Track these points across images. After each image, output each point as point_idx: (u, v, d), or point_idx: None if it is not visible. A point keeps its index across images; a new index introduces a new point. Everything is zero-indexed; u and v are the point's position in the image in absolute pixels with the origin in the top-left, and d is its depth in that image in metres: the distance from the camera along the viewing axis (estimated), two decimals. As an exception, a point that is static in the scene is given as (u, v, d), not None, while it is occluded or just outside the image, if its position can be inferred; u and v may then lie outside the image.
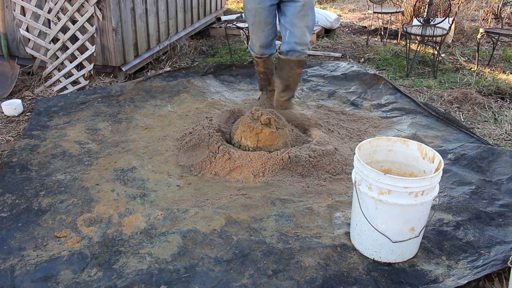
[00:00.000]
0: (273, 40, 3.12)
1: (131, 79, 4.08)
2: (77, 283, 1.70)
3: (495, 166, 2.47)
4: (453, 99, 3.67)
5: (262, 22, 2.95)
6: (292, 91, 3.12)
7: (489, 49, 5.30)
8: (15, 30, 3.92)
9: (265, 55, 3.15)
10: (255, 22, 2.96)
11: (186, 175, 2.50)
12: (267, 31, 3.01)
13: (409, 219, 1.73)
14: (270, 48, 3.14)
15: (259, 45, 3.07)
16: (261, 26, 2.97)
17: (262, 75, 3.33)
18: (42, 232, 1.99)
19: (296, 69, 2.99)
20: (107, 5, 3.65)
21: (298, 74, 3.05)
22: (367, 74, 3.97)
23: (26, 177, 2.43)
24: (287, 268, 1.77)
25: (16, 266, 1.78)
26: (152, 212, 2.12)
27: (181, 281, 1.71)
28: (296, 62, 2.96)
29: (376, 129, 3.10)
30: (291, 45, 2.91)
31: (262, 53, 3.13)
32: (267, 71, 3.28)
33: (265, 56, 3.16)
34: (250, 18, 2.99)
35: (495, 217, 2.08)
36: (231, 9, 7.86)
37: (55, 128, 3.03)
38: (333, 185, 2.40)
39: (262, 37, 3.03)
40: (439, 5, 4.60)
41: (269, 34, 3.03)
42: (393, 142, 1.96)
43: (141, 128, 3.08)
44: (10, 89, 3.69)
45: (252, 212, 2.14)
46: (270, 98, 3.37)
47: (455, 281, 1.70)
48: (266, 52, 3.13)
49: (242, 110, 3.21)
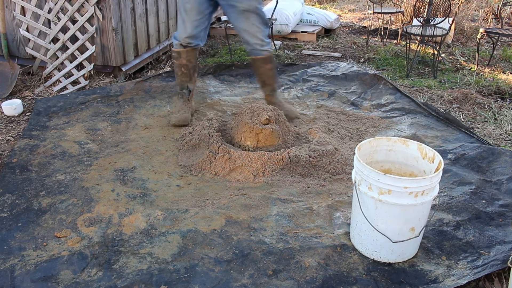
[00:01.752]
0: (201, 32, 3.07)
1: (131, 79, 4.08)
2: (77, 283, 1.70)
3: (495, 166, 2.47)
4: (453, 99, 3.67)
5: (195, 10, 2.93)
6: (270, 86, 3.22)
7: (489, 49, 5.30)
8: (15, 30, 3.92)
9: (190, 45, 3.07)
10: (187, 9, 2.93)
11: (186, 175, 2.50)
12: (198, 20, 2.98)
13: (409, 219, 1.73)
14: (198, 39, 3.08)
15: (186, 34, 3.01)
16: (193, 14, 2.94)
17: (183, 69, 3.15)
18: (42, 232, 1.99)
19: (265, 66, 3.11)
20: (107, 5, 3.65)
21: (269, 70, 3.14)
22: (367, 74, 3.97)
23: (26, 177, 2.43)
24: (287, 268, 1.77)
25: (16, 266, 1.78)
26: (152, 212, 2.12)
27: (181, 281, 1.71)
28: (261, 59, 3.09)
29: (376, 129, 3.10)
30: (250, 46, 3.05)
31: (187, 42, 3.05)
32: (189, 64, 3.14)
33: (190, 47, 3.07)
34: (182, 5, 2.95)
35: (495, 217, 2.08)
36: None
37: (55, 128, 3.03)
38: (333, 185, 2.40)
39: (191, 27, 2.99)
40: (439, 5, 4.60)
41: (198, 24, 3.00)
42: (393, 142, 1.96)
43: (141, 128, 3.08)
44: (10, 89, 3.69)
45: (252, 212, 2.14)
46: (187, 102, 3.22)
47: (455, 281, 1.70)
48: (192, 42, 3.05)
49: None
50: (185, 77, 3.20)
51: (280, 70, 4.28)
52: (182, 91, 3.22)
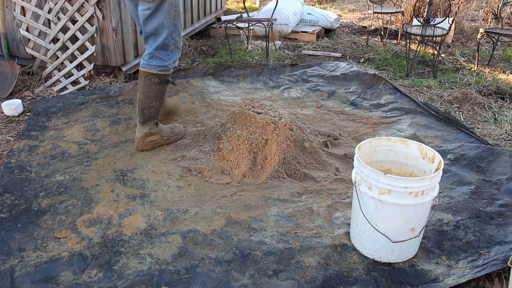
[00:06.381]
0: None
1: (131, 79, 4.08)
2: (77, 284, 1.70)
3: (495, 166, 2.47)
4: (453, 99, 3.67)
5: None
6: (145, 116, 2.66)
7: (489, 49, 5.30)
8: (15, 30, 3.92)
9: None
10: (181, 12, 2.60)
11: (186, 176, 2.50)
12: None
13: (409, 219, 1.73)
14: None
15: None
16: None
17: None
18: (42, 233, 1.99)
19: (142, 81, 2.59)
20: (107, 5, 3.65)
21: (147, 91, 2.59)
22: (366, 74, 3.97)
23: (25, 178, 2.42)
24: (287, 268, 1.77)
25: (16, 267, 1.78)
26: (152, 213, 2.12)
27: (182, 281, 1.71)
28: (142, 72, 2.59)
29: (376, 129, 3.10)
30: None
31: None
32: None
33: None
34: (180, 16, 2.58)
35: (494, 217, 2.08)
36: (231, 9, 7.86)
37: (54, 129, 3.03)
38: (333, 185, 2.40)
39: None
40: (439, 5, 4.60)
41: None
42: (393, 142, 1.96)
43: (141, 128, 3.08)
44: (10, 89, 3.69)
45: (252, 212, 2.14)
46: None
47: (455, 280, 1.70)
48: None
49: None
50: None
51: (280, 70, 4.29)
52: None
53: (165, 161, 2.65)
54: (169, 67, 2.61)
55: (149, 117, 2.66)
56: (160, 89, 2.63)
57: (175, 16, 2.50)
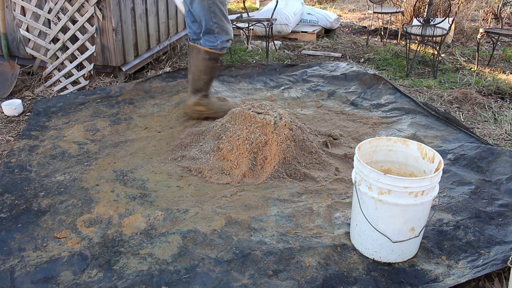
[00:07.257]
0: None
1: (131, 79, 4.08)
2: (77, 284, 1.70)
3: (495, 166, 2.47)
4: (453, 99, 3.67)
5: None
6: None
7: (489, 49, 5.30)
8: (15, 30, 3.92)
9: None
10: (226, 9, 2.98)
11: (186, 176, 2.50)
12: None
13: (409, 219, 1.73)
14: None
15: (232, 33, 3.01)
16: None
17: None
18: (42, 233, 1.99)
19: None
20: (107, 5, 3.65)
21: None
22: (366, 74, 3.97)
23: (25, 178, 2.43)
24: (287, 268, 1.77)
25: (16, 267, 1.78)
26: (152, 213, 2.12)
27: (182, 281, 1.71)
28: (194, 47, 2.99)
29: (376, 129, 3.10)
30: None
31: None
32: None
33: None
34: (222, 5, 2.92)
35: (494, 217, 2.08)
36: (231, 9, 7.86)
37: (54, 129, 3.03)
38: (333, 185, 2.40)
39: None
40: (439, 5, 4.60)
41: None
42: (393, 142, 1.96)
43: (141, 129, 3.08)
44: (10, 89, 3.69)
45: (252, 212, 2.14)
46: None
47: (455, 280, 1.70)
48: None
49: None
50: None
51: (280, 70, 4.28)
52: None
53: (165, 161, 2.65)
54: (217, 47, 2.94)
55: (198, 88, 3.03)
56: (209, 65, 2.98)
57: (210, 4, 2.83)
